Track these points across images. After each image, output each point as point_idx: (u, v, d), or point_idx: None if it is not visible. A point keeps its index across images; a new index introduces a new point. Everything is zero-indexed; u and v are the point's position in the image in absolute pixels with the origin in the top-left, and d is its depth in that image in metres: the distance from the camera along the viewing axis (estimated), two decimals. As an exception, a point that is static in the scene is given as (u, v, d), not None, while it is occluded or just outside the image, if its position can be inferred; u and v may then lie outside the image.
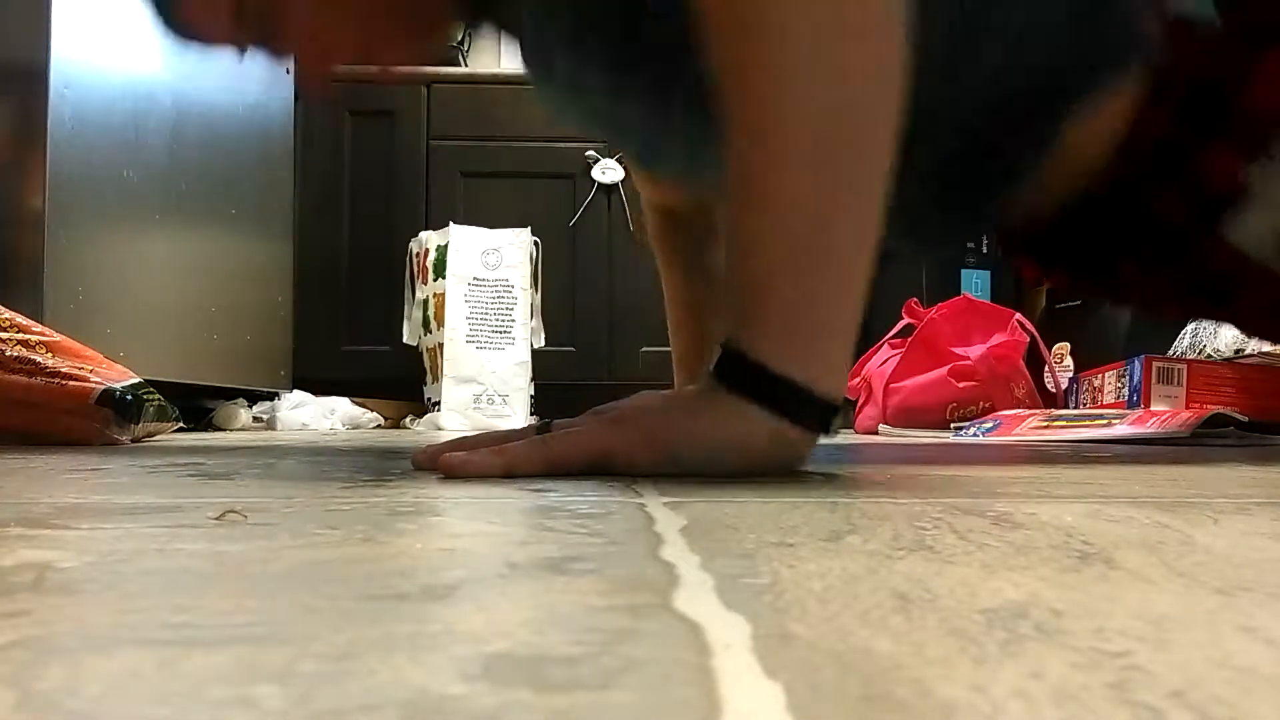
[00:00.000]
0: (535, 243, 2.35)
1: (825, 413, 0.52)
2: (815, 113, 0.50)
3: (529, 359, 2.29)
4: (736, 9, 0.51)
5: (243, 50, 0.74)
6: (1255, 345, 1.59)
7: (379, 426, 2.13)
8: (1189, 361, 1.50)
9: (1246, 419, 1.20)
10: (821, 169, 0.50)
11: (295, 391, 2.06)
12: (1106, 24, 0.71)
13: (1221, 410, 1.22)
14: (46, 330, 1.00)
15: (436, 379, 2.26)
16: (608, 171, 2.42)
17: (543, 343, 2.34)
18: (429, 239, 2.33)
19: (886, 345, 1.90)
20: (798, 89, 0.50)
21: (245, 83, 1.93)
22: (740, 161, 0.52)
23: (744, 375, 0.51)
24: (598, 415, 0.55)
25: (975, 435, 1.51)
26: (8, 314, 0.98)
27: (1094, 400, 1.63)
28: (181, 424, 1.13)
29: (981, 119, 0.73)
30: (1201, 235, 0.77)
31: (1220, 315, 1.08)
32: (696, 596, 0.22)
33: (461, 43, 2.58)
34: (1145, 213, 0.78)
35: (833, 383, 0.52)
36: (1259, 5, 0.73)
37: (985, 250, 2.33)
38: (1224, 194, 0.75)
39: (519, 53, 0.80)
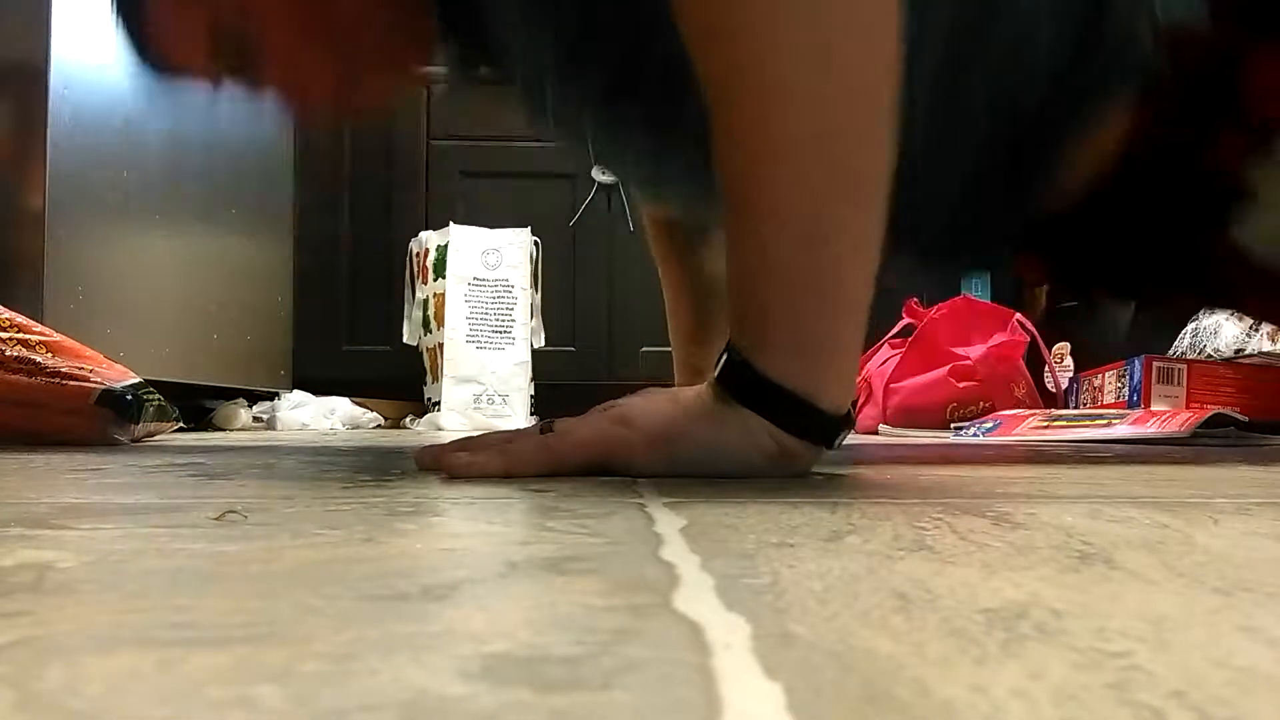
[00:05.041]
0: (535, 243, 2.35)
1: (829, 427, 0.52)
2: (808, 126, 0.49)
3: (529, 359, 2.29)
4: (718, 21, 0.49)
5: (219, 82, 0.73)
6: (1256, 345, 1.60)
7: (379, 426, 2.13)
8: (1189, 361, 1.50)
9: (1246, 419, 1.20)
10: (817, 181, 0.49)
11: (295, 391, 2.06)
12: (1101, 45, 0.71)
13: (1221, 410, 1.22)
14: (46, 330, 1.00)
15: (436, 379, 2.26)
16: (607, 171, 2.42)
17: (543, 343, 2.34)
18: (429, 239, 2.33)
19: (886, 345, 1.90)
20: (786, 99, 0.49)
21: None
22: (734, 175, 0.51)
23: (747, 386, 0.51)
24: (602, 413, 0.55)
25: (975, 435, 1.51)
26: (8, 314, 0.98)
27: (1094, 400, 1.63)
28: (181, 424, 1.13)
29: (981, 146, 0.73)
30: (1208, 233, 0.77)
31: (1225, 306, 1.08)
32: (696, 597, 0.22)
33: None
34: (1152, 211, 0.78)
35: (837, 396, 0.52)
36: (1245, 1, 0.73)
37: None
38: (1229, 192, 0.75)
39: (505, 71, 0.79)
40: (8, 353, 0.93)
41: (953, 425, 1.70)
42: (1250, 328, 1.62)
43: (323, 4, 0.70)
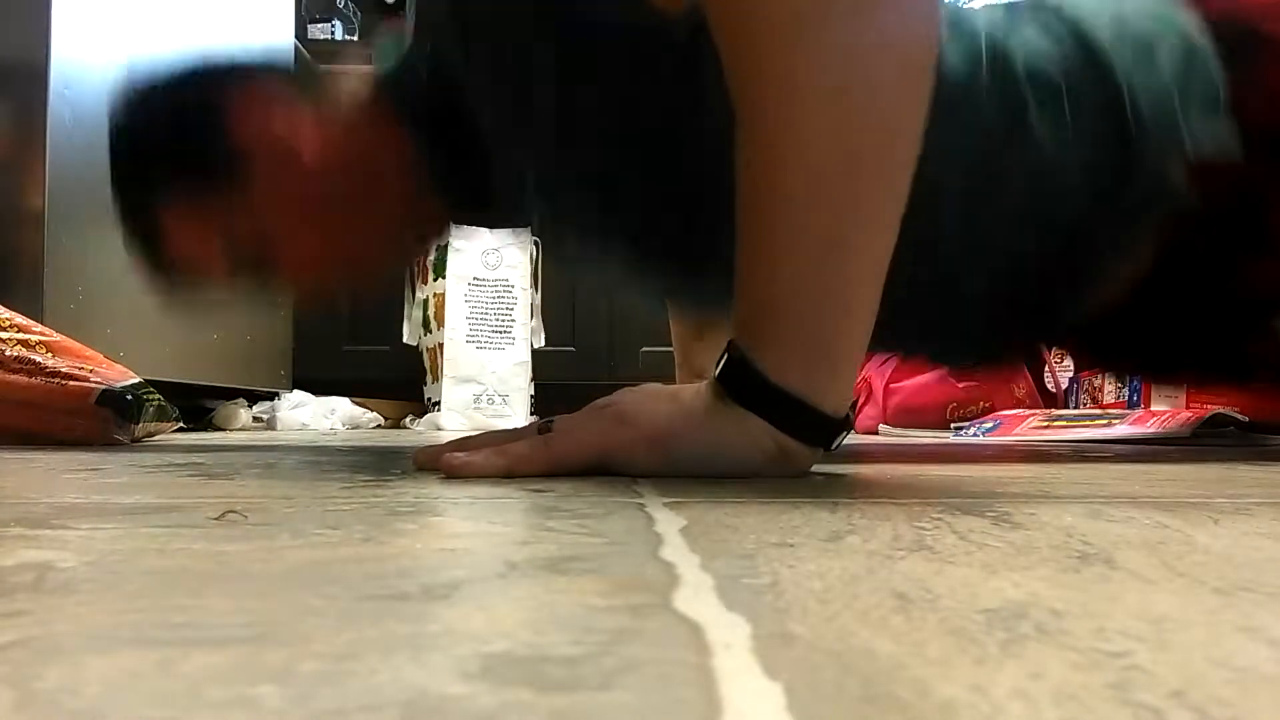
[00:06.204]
0: (535, 243, 2.35)
1: (828, 429, 0.52)
2: (832, 131, 0.49)
3: (529, 359, 2.29)
4: (755, 36, 0.49)
5: (231, 281, 0.76)
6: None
7: (379, 426, 2.13)
8: (1189, 361, 1.50)
9: (1246, 419, 1.20)
10: (837, 185, 0.49)
11: (295, 391, 2.06)
12: (1130, 181, 0.72)
13: (1221, 410, 1.22)
14: (46, 330, 0.99)
15: (436, 379, 2.26)
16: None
17: (543, 343, 2.34)
18: (429, 239, 2.33)
19: (886, 345, 1.90)
20: (815, 107, 0.49)
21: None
22: (753, 174, 0.51)
23: (747, 386, 0.51)
24: (599, 409, 0.55)
25: (975, 435, 1.51)
26: (8, 314, 0.98)
27: (1094, 400, 1.63)
28: (181, 424, 1.13)
29: (1010, 273, 0.75)
30: (1247, 330, 0.80)
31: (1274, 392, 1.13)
32: (696, 596, 0.22)
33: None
34: (1188, 316, 0.81)
35: (837, 399, 0.52)
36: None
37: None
38: (1272, 300, 0.78)
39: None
40: (8, 353, 0.93)
41: (953, 425, 1.70)
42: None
43: (334, 205, 0.73)
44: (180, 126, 0.73)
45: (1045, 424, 1.41)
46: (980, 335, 0.80)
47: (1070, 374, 1.88)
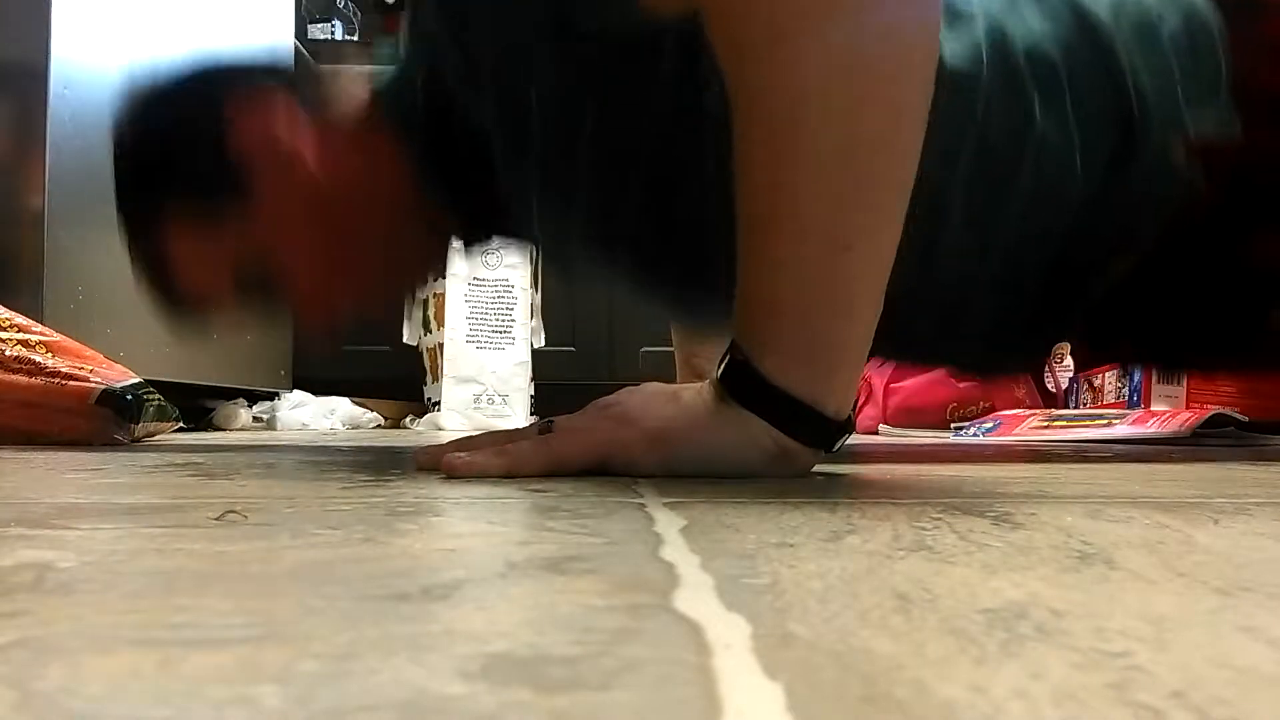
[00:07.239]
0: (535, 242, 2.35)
1: (829, 430, 0.52)
2: (835, 133, 0.49)
3: (529, 359, 2.29)
4: (753, 32, 0.49)
5: (240, 307, 0.76)
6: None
7: (379, 426, 2.13)
8: (1189, 361, 1.50)
9: (1246, 419, 1.20)
10: (841, 188, 0.49)
11: (295, 391, 2.06)
12: (1133, 165, 0.71)
13: (1221, 410, 1.22)
14: (46, 330, 0.99)
15: (436, 379, 2.26)
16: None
17: (543, 343, 2.34)
18: (429, 239, 2.33)
19: (887, 345, 1.90)
20: (817, 108, 0.49)
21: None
22: (756, 179, 0.51)
23: (749, 387, 0.51)
24: (600, 410, 0.55)
25: (975, 435, 1.51)
26: (8, 314, 0.98)
27: (1094, 400, 1.63)
28: (181, 424, 1.13)
29: (1018, 271, 0.74)
30: (1255, 311, 0.79)
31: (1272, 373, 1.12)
32: (696, 596, 0.22)
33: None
34: (1193, 295, 0.80)
35: (839, 401, 0.52)
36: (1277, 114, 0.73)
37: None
38: (1275, 276, 0.77)
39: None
40: (8, 353, 0.93)
41: (953, 425, 1.70)
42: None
43: (342, 232, 0.72)
44: (181, 142, 0.72)
45: (1045, 424, 1.41)
46: (986, 336, 0.80)
47: (1070, 374, 1.88)
